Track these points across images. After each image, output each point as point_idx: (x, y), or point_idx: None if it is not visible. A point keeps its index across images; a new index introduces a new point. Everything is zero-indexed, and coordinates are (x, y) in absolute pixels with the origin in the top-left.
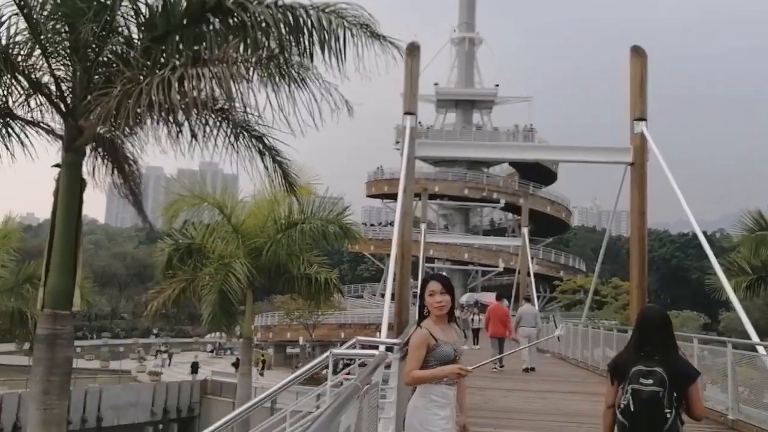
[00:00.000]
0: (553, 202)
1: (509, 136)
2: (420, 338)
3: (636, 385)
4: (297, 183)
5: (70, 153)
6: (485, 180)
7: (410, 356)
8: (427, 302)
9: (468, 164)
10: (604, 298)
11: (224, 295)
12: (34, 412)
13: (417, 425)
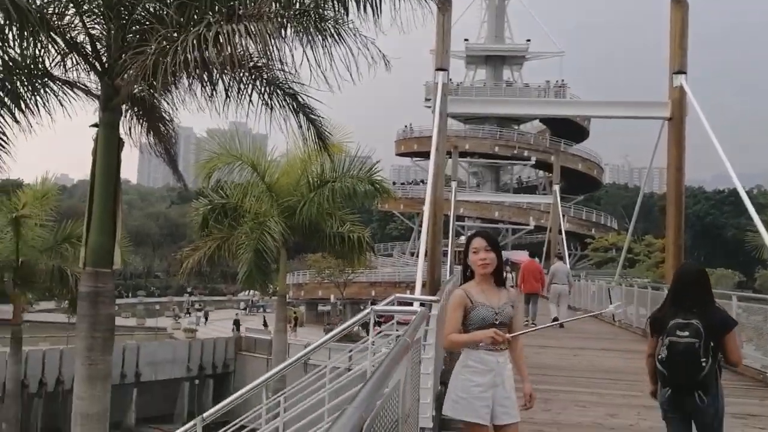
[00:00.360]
0: (585, 159)
1: (540, 92)
2: (456, 299)
3: (673, 337)
4: (330, 141)
5: (107, 112)
6: (516, 137)
7: (447, 319)
8: (471, 260)
9: (498, 122)
10: (637, 255)
11: (259, 254)
12: (79, 368)
13: (451, 391)
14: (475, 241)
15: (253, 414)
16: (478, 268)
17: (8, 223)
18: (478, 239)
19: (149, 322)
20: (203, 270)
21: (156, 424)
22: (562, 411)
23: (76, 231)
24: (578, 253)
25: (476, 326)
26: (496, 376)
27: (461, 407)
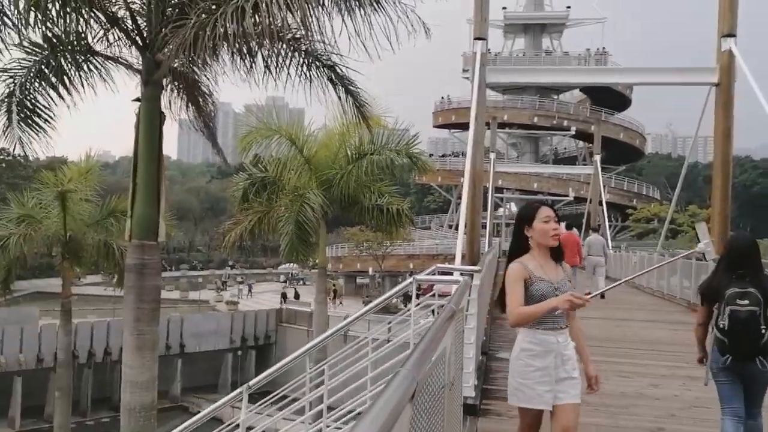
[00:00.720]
0: (626, 129)
1: (580, 60)
2: (516, 272)
3: (733, 306)
4: (368, 113)
5: (149, 87)
6: (555, 107)
7: (509, 292)
8: (538, 229)
9: (537, 91)
10: (680, 226)
11: (300, 226)
12: (128, 338)
13: (511, 377)
14: (544, 210)
15: (296, 383)
16: (549, 239)
17: (55, 198)
18: (546, 209)
19: (192, 294)
20: (244, 243)
21: (200, 393)
22: (605, 381)
23: (121, 205)
24: (619, 224)
25: (535, 302)
26: (556, 357)
27: (523, 395)
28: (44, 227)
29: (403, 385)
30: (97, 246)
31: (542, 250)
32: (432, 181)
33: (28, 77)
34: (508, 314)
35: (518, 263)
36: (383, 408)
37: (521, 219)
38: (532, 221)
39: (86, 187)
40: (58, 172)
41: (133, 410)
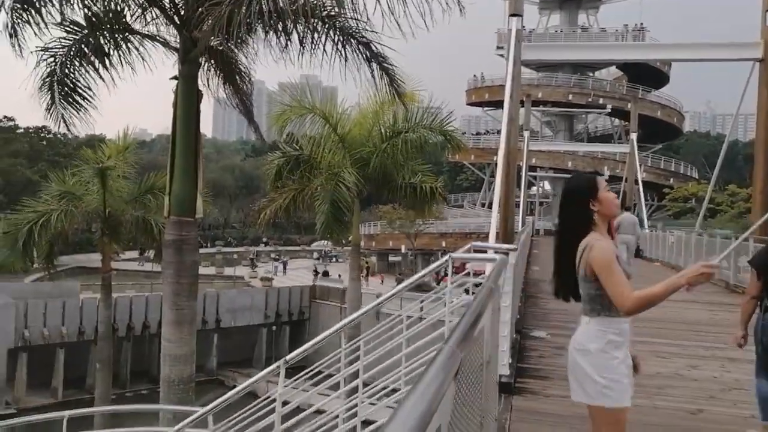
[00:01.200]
0: (664, 106)
1: (617, 36)
2: (612, 252)
3: None
4: (403, 90)
5: (186, 65)
6: (591, 84)
7: (614, 276)
8: (607, 198)
9: (572, 69)
10: (719, 206)
11: (335, 204)
12: (167, 312)
13: (594, 374)
14: (601, 178)
15: (331, 359)
16: (614, 207)
17: (95, 175)
18: (600, 178)
19: (227, 270)
20: (279, 221)
21: (235, 368)
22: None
23: (158, 182)
24: (655, 203)
25: None
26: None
27: (617, 393)
28: (84, 203)
29: (448, 361)
30: (136, 222)
31: (604, 225)
32: (465, 159)
33: (69, 56)
34: (620, 301)
35: (605, 240)
36: (430, 384)
37: (585, 190)
38: (596, 191)
39: (124, 165)
40: (97, 150)
41: (172, 383)
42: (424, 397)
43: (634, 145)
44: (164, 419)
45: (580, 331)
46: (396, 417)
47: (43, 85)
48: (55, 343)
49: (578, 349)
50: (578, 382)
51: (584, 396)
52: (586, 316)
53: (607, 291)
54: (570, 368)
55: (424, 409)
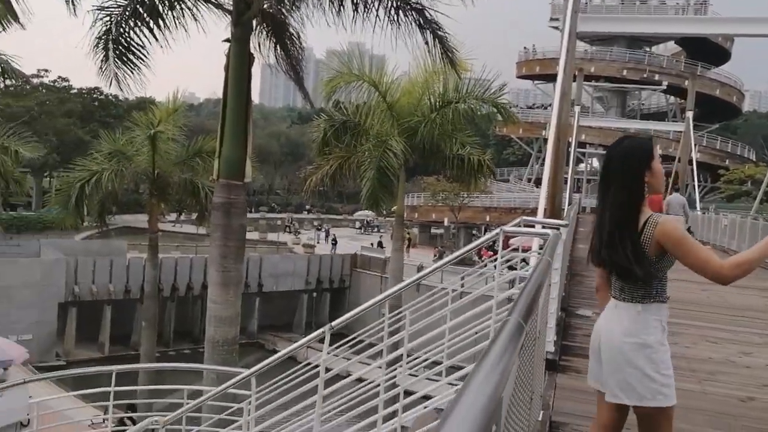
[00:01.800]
0: (723, 84)
1: (678, 10)
2: (678, 223)
3: None
4: (456, 59)
5: (239, 27)
6: (647, 60)
7: (696, 248)
8: (659, 170)
9: (628, 43)
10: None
11: (382, 172)
12: (213, 274)
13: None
14: (656, 147)
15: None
16: (662, 183)
17: (145, 137)
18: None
19: (271, 236)
20: (324, 188)
21: (276, 332)
22: (692, 345)
23: (206, 146)
24: (708, 185)
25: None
26: None
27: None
28: (134, 164)
29: (515, 333)
30: (183, 184)
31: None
32: (513, 133)
33: (124, 16)
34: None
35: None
36: (500, 356)
37: (642, 158)
38: (651, 161)
39: (173, 127)
40: (148, 111)
41: (216, 343)
42: (495, 370)
43: (690, 124)
44: (208, 378)
45: (630, 321)
46: (468, 389)
47: (98, 43)
48: (102, 299)
49: (631, 342)
50: (626, 382)
51: (636, 397)
52: (636, 304)
53: (690, 265)
54: (611, 365)
55: (496, 382)
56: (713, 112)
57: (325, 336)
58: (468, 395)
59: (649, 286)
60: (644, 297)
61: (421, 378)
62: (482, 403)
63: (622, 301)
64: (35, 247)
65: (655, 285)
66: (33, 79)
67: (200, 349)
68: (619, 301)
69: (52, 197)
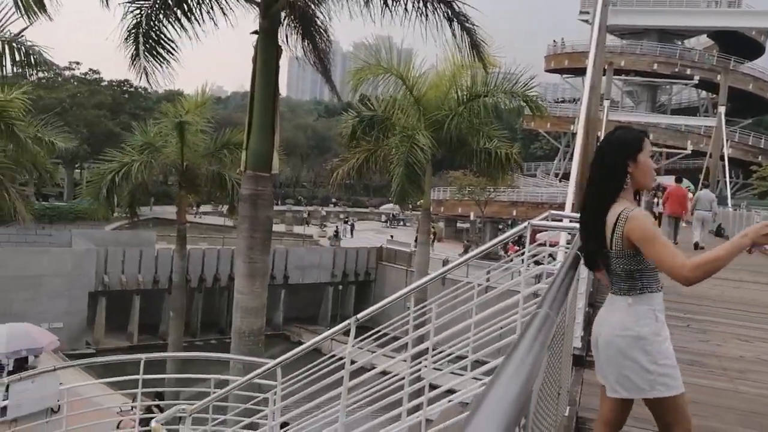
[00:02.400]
0: (757, 79)
1: (710, 3)
2: (649, 217)
3: None
4: (483, 52)
5: (267, 19)
6: (678, 54)
7: (662, 244)
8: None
9: (659, 37)
10: None
11: (410, 167)
12: (240, 265)
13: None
14: (647, 141)
15: (398, 321)
16: (649, 179)
17: (174, 128)
18: (647, 140)
19: (296, 229)
20: (350, 181)
21: (301, 324)
22: (722, 343)
23: (234, 138)
24: (740, 181)
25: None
26: None
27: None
28: (163, 156)
29: (545, 325)
30: (211, 176)
31: (631, 193)
32: (540, 127)
33: (154, 9)
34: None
35: (638, 208)
36: (529, 348)
37: (625, 147)
38: (637, 153)
39: (201, 119)
40: (176, 104)
41: (243, 334)
42: (525, 362)
43: (722, 119)
44: (234, 368)
45: (622, 313)
46: (499, 381)
47: (128, 36)
48: (131, 289)
49: (625, 335)
50: (623, 376)
51: (635, 390)
52: (626, 296)
53: (654, 262)
54: (608, 360)
55: (527, 374)
56: (746, 107)
57: (351, 328)
58: (499, 387)
59: (632, 278)
60: (631, 289)
61: (445, 372)
62: (513, 395)
63: (614, 294)
64: (67, 237)
65: (639, 276)
66: (65, 72)
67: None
68: (612, 294)
69: (84, 188)
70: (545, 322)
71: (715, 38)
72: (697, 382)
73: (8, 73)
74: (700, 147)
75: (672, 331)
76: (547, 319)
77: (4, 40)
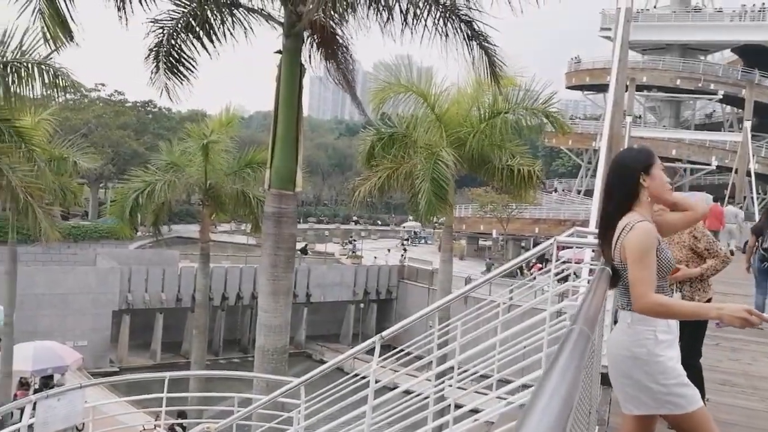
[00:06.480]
0: None
1: (734, 17)
2: (652, 236)
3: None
4: (502, 72)
5: (290, 39)
6: (701, 69)
7: (643, 265)
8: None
9: (682, 52)
10: None
11: (436, 183)
12: (264, 283)
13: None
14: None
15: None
16: (665, 192)
17: (199, 148)
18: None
19: (318, 247)
20: (372, 200)
21: (323, 342)
22: (753, 362)
23: (257, 157)
24: (767, 197)
25: (662, 275)
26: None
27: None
28: (187, 175)
29: (580, 343)
30: (235, 195)
31: (650, 207)
32: (562, 144)
33: (176, 28)
34: (636, 296)
35: (647, 221)
36: (566, 366)
37: (635, 164)
38: (650, 168)
39: (226, 138)
40: (200, 123)
41: (266, 352)
42: (564, 379)
43: (748, 134)
44: (258, 387)
45: (621, 332)
46: (538, 400)
47: (149, 54)
48: (154, 308)
49: (624, 355)
50: (631, 393)
51: (644, 407)
52: (624, 311)
53: (628, 278)
54: (616, 377)
55: (567, 391)
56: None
57: (376, 346)
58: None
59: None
60: (629, 304)
61: (469, 391)
62: (555, 413)
63: (620, 309)
64: (91, 256)
65: None
66: (90, 93)
67: (249, 358)
68: (619, 308)
69: (108, 207)
70: (581, 337)
71: (740, 53)
72: (729, 402)
73: (37, 95)
74: (726, 162)
75: (702, 350)
76: (583, 335)
77: (33, 62)
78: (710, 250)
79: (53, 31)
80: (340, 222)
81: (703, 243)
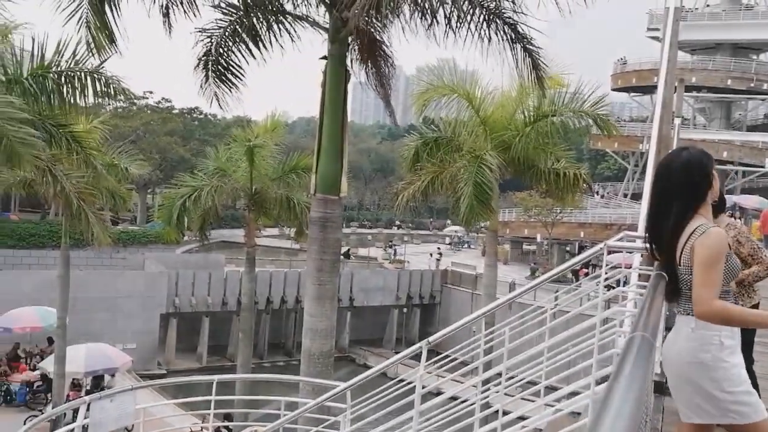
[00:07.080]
0: None
1: None
2: (725, 242)
3: None
4: (546, 74)
5: (335, 44)
6: (754, 68)
7: (710, 272)
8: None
9: (732, 52)
10: None
11: (479, 188)
12: (310, 287)
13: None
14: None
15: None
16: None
17: (244, 153)
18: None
19: (361, 251)
20: (415, 204)
21: (366, 346)
22: None
23: (302, 162)
24: None
25: (727, 281)
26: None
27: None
28: (233, 180)
29: (644, 351)
30: (280, 200)
31: (710, 210)
32: (608, 147)
33: (224, 37)
34: (699, 302)
35: (717, 227)
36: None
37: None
38: (711, 176)
39: (271, 144)
40: (246, 129)
41: (312, 356)
42: (632, 386)
43: None
44: (304, 390)
45: (684, 337)
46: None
47: (198, 64)
48: (201, 311)
49: (689, 362)
50: (694, 402)
51: (706, 416)
52: (689, 317)
53: (693, 282)
54: (677, 385)
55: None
56: None
57: (422, 351)
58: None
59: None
60: (692, 310)
61: (516, 398)
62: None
63: (680, 314)
64: (140, 260)
65: None
66: (139, 101)
67: (293, 362)
68: (678, 314)
69: (156, 212)
70: (644, 345)
71: None
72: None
73: (90, 103)
74: None
75: (757, 358)
76: (645, 342)
77: (86, 71)
78: (754, 256)
79: (98, 41)
80: (382, 226)
81: (747, 248)
